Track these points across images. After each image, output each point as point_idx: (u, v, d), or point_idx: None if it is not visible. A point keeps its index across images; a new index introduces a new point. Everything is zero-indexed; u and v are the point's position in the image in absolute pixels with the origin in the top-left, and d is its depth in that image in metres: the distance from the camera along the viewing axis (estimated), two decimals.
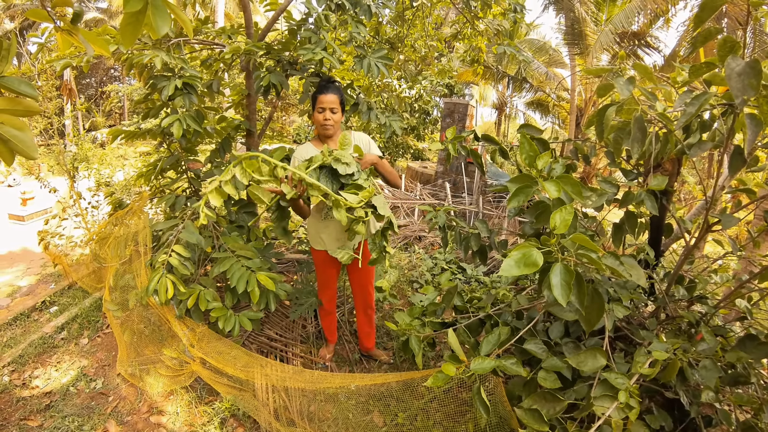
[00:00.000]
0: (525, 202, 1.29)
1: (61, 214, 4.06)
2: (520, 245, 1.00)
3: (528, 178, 1.37)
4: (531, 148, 1.33)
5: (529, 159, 1.31)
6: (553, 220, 1.04)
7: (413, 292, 3.90)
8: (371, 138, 2.49)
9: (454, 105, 6.75)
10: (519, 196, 1.28)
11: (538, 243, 1.03)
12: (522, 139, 1.34)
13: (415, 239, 4.96)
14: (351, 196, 1.82)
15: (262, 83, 2.22)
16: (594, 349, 1.44)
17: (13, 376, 3.07)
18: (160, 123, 1.99)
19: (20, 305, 4.22)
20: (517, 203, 1.28)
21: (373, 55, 2.49)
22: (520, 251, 1.01)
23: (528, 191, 1.30)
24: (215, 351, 2.42)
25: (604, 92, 1.33)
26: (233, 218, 2.67)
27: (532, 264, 0.95)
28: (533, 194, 1.32)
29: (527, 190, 1.30)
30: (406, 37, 4.38)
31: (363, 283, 2.63)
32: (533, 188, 1.31)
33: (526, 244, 1.01)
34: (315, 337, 3.15)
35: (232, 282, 2.01)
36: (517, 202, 1.28)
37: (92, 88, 21.46)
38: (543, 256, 0.97)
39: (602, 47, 12.10)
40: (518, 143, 1.37)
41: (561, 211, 1.05)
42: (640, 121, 1.19)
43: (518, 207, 1.27)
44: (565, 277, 0.97)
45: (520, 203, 1.29)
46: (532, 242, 1.03)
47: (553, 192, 1.15)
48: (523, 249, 1.01)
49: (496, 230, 2.28)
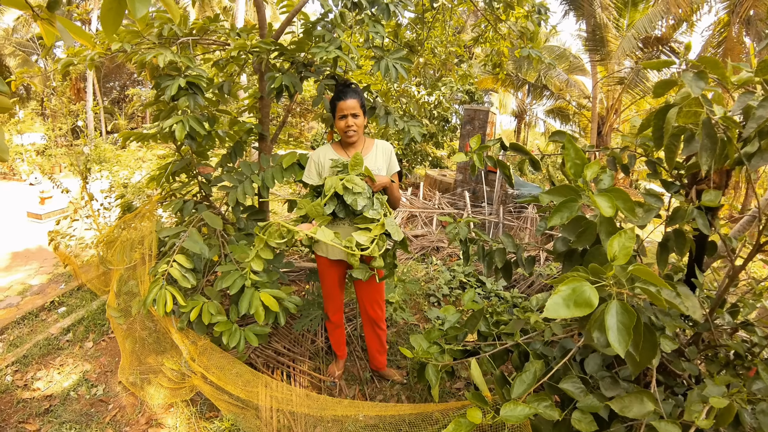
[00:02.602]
0: (570, 218, 1.11)
1: (72, 214, 4.01)
2: (568, 278, 0.82)
3: (572, 190, 1.19)
4: (577, 155, 1.15)
5: (575, 168, 1.13)
6: (611, 247, 0.86)
7: (429, 307, 3.72)
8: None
9: (475, 112, 6.55)
10: (563, 211, 1.10)
11: (587, 273, 0.85)
12: (567, 144, 1.16)
13: (432, 250, 4.77)
14: (362, 236, 1.83)
15: (273, 85, 2.08)
16: (640, 392, 1.24)
17: (16, 376, 3.05)
18: (161, 125, 1.88)
19: (30, 304, 4.21)
20: (560, 219, 1.10)
21: (391, 56, 2.34)
22: (569, 286, 0.83)
23: (573, 206, 1.12)
24: (216, 366, 2.28)
25: (664, 90, 1.14)
26: (242, 225, 2.54)
27: (584, 303, 0.77)
28: (579, 209, 1.14)
29: (572, 205, 1.12)
30: (426, 40, 4.22)
31: (370, 298, 2.45)
32: (579, 202, 1.13)
33: (575, 276, 0.84)
34: (324, 353, 2.99)
35: (234, 300, 1.87)
36: (560, 218, 1.10)
37: (115, 91, 21.93)
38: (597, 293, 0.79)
39: (625, 53, 11.75)
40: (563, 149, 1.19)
41: (620, 236, 0.87)
42: (709, 127, 1.00)
43: (560, 224, 1.10)
44: (624, 319, 0.78)
45: (564, 220, 1.11)
46: (581, 273, 0.85)
47: (606, 209, 0.97)
48: (573, 283, 0.83)
49: (523, 245, 2.09)
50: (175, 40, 1.98)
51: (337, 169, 2.05)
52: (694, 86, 0.98)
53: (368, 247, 1.83)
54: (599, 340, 0.86)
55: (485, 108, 6.50)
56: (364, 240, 1.84)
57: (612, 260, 0.85)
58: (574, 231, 1.34)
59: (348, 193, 1.90)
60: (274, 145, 2.94)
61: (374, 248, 1.84)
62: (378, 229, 1.86)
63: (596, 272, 0.86)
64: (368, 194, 1.95)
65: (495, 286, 4.04)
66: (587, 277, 0.84)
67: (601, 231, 1.22)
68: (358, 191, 1.89)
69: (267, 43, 2.07)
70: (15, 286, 4.75)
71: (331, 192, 1.94)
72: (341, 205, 2.01)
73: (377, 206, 1.95)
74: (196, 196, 3.00)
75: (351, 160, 1.99)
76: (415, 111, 5.98)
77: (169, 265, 1.93)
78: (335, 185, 1.91)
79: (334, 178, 1.97)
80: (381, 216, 1.92)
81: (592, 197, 1.08)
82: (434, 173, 7.78)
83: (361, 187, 1.90)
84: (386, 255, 2.00)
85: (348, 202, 1.89)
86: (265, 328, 2.06)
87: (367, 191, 1.95)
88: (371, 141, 2.27)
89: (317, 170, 2.21)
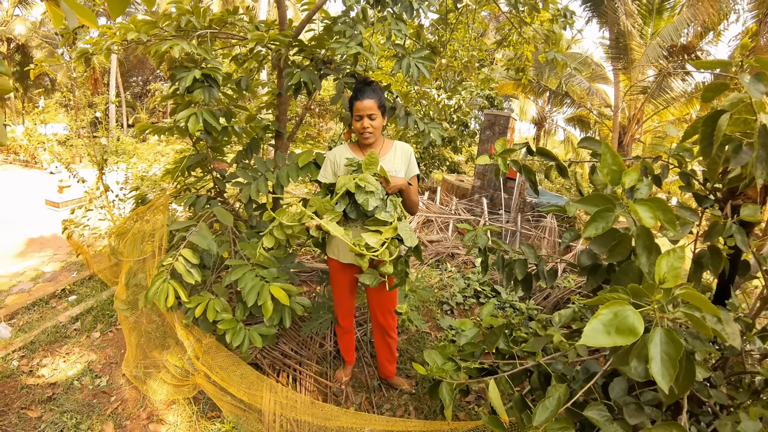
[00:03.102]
0: (606, 229, 1.02)
1: (87, 204, 4.02)
2: (608, 300, 0.73)
3: (606, 199, 1.10)
4: (614, 161, 1.05)
5: (612, 175, 1.04)
6: (659, 268, 0.76)
7: (442, 315, 3.62)
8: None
9: (495, 117, 6.43)
10: (598, 221, 1.01)
11: (628, 295, 0.76)
12: (604, 149, 1.07)
13: (447, 256, 4.67)
14: (372, 238, 1.74)
15: (291, 81, 2.02)
16: (669, 424, 1.14)
17: (22, 362, 3.07)
18: (174, 118, 1.83)
19: (41, 291, 4.25)
20: (595, 230, 1.01)
21: (413, 55, 2.26)
22: (610, 310, 0.73)
23: (608, 216, 1.02)
24: (220, 366, 2.22)
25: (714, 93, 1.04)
26: (254, 223, 2.48)
27: (627, 330, 0.68)
28: (615, 220, 1.04)
29: (607, 215, 1.02)
30: (449, 42, 4.14)
31: (381, 306, 2.36)
32: (614, 212, 1.04)
33: (616, 298, 0.74)
34: (332, 357, 2.92)
35: (243, 293, 1.81)
36: (595, 229, 1.01)
37: (138, 86, 22.32)
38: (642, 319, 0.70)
39: (649, 61, 11.46)
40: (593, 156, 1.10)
41: (669, 255, 0.77)
42: (765, 135, 0.90)
43: (595, 235, 1.01)
44: (670, 349, 0.69)
45: (599, 230, 1.02)
46: (622, 295, 0.76)
47: (648, 219, 0.88)
48: (614, 307, 0.74)
49: (546, 257, 1.99)
50: (193, 32, 1.93)
51: (352, 168, 1.98)
52: (753, 89, 0.88)
53: (378, 250, 1.74)
54: (637, 370, 0.77)
55: (506, 113, 6.38)
56: (373, 242, 1.75)
57: (660, 282, 0.75)
58: (605, 244, 1.24)
59: (360, 192, 1.82)
60: (290, 143, 2.89)
61: (384, 251, 1.75)
62: (389, 232, 1.77)
63: (638, 294, 0.77)
64: (381, 195, 1.86)
65: (510, 297, 3.93)
66: (627, 297, 0.75)
67: (637, 245, 1.12)
68: (370, 190, 1.81)
69: (286, 35, 2.01)
70: (28, 272, 4.82)
71: (343, 190, 1.86)
72: (353, 206, 1.93)
73: (390, 208, 1.86)
74: (211, 192, 2.97)
75: (365, 158, 1.90)
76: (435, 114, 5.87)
77: (175, 259, 1.88)
78: (347, 183, 1.83)
79: (346, 177, 1.89)
80: (394, 219, 1.83)
81: (632, 206, 0.98)
82: (451, 178, 7.67)
83: (374, 186, 1.82)
84: (398, 262, 1.91)
85: (359, 201, 1.81)
86: (271, 329, 1.99)
87: (381, 192, 1.87)
88: (390, 142, 2.19)
89: (333, 169, 2.15)
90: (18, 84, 18.08)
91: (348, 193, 1.90)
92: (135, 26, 1.81)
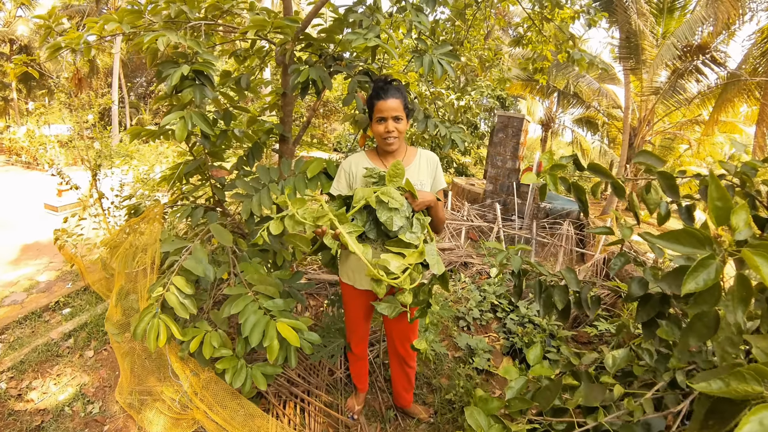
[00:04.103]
0: (710, 284, 0.77)
1: (80, 212, 3.80)
2: (755, 407, 0.48)
3: (700, 239, 0.85)
4: (720, 194, 0.81)
5: (717, 212, 0.79)
6: None
7: (459, 332, 3.36)
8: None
9: (509, 119, 6.15)
10: (699, 272, 0.77)
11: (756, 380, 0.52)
12: (711, 181, 0.82)
13: (460, 266, 4.41)
14: (395, 261, 1.49)
15: (299, 79, 1.77)
16: None
17: (10, 383, 2.89)
18: (162, 123, 1.58)
19: (34, 303, 4.05)
20: (696, 286, 0.77)
21: (436, 51, 2.01)
22: (757, 418, 0.49)
23: (711, 266, 0.78)
24: (221, 404, 1.98)
25: None
26: None
27: None
28: (721, 271, 0.79)
29: (710, 264, 0.77)
30: (466, 39, 3.87)
31: (401, 335, 2.09)
32: (716, 260, 0.79)
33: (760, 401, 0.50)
34: (344, 384, 2.67)
35: (245, 330, 1.56)
36: (696, 284, 0.77)
37: (143, 87, 22.17)
38: None
39: (663, 61, 11.13)
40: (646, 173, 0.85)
41: None
42: None
43: (697, 291, 0.76)
44: None
45: (700, 286, 0.77)
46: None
47: None
48: (762, 413, 0.50)
49: (589, 284, 1.73)
50: (186, 23, 1.68)
51: (372, 180, 1.71)
52: None
53: (398, 276, 1.48)
54: None
55: (520, 115, 6.10)
56: (395, 267, 1.49)
57: None
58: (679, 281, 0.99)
59: (382, 209, 1.54)
60: (296, 147, 2.64)
61: (405, 279, 1.49)
62: (414, 257, 1.50)
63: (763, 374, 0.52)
64: (407, 213, 1.59)
65: (529, 311, 3.66)
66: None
67: (732, 295, 0.86)
68: (394, 207, 1.54)
69: (294, 20, 1.74)
70: (22, 282, 4.62)
71: (361, 204, 1.58)
72: (372, 223, 1.66)
73: (417, 229, 1.59)
74: (210, 201, 2.73)
75: (390, 168, 1.62)
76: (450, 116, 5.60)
77: (165, 289, 1.63)
78: (367, 196, 1.56)
79: (366, 189, 1.62)
80: (420, 241, 1.57)
81: (748, 258, 0.73)
82: (462, 182, 7.38)
83: (399, 202, 1.55)
84: (419, 290, 1.64)
85: (381, 219, 1.54)
86: (276, 368, 1.74)
87: (406, 209, 1.60)
88: (413, 150, 1.91)
89: (348, 181, 1.87)
90: (21, 85, 17.95)
91: (367, 208, 1.63)
92: (117, 17, 1.56)
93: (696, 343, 0.99)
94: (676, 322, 1.35)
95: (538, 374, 1.24)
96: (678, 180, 1.37)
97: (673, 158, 15.40)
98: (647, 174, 1.49)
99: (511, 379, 1.22)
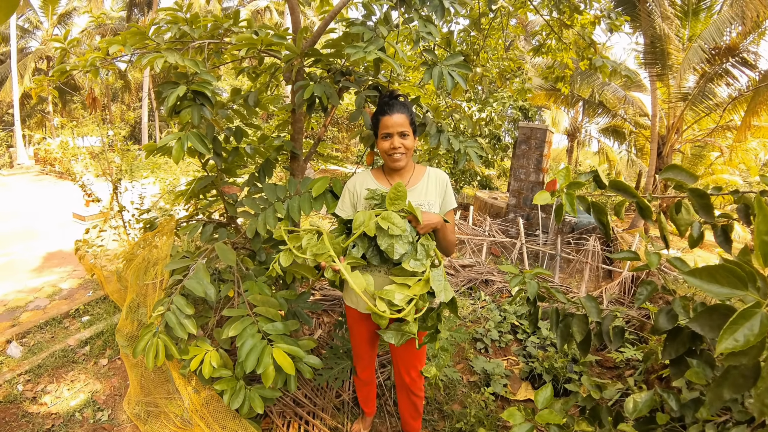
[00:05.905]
0: (753, 342, 0.65)
1: (101, 225, 3.87)
2: None
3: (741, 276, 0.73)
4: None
5: (764, 248, 0.68)
6: None
7: (476, 355, 3.22)
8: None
9: (531, 130, 5.98)
10: (739, 324, 0.65)
11: None
12: (758, 210, 0.71)
13: (481, 283, 4.26)
14: (398, 293, 1.43)
15: (304, 96, 1.72)
16: None
17: (27, 386, 2.99)
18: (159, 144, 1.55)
19: (56, 309, 4.16)
20: (735, 343, 0.65)
21: (446, 62, 1.92)
22: None
23: (755, 317, 0.66)
24: (221, 425, 1.92)
25: None
26: (263, 258, 2.19)
27: None
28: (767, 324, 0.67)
29: (753, 314, 0.66)
30: (482, 49, 3.78)
31: (407, 363, 1.97)
32: (763, 308, 0.67)
33: None
34: (350, 407, 2.57)
35: (241, 355, 1.50)
36: (735, 341, 0.65)
37: None
38: None
39: (691, 65, 10.68)
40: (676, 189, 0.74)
41: None
42: None
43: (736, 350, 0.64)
44: None
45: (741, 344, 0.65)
46: None
47: None
48: None
49: (611, 314, 1.60)
50: (190, 43, 1.66)
51: (375, 202, 1.63)
52: None
53: (402, 308, 1.39)
54: None
55: (543, 126, 5.93)
56: (399, 299, 1.40)
57: None
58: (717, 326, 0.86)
59: (382, 236, 1.46)
60: (308, 163, 2.60)
61: (410, 310, 1.40)
62: (419, 288, 1.41)
63: None
64: (410, 238, 1.50)
65: (552, 334, 3.48)
66: None
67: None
68: (395, 233, 1.45)
69: (282, 36, 1.69)
70: (46, 288, 4.76)
71: (359, 231, 1.50)
72: (375, 249, 1.57)
73: (421, 255, 1.49)
74: (223, 216, 2.72)
75: (390, 191, 1.53)
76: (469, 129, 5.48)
77: (166, 308, 1.59)
78: (366, 224, 1.49)
79: (366, 213, 1.54)
80: (425, 268, 1.47)
81: None
82: (484, 195, 7.21)
83: (400, 228, 1.46)
84: (427, 317, 1.55)
85: (382, 247, 1.45)
86: (275, 392, 1.67)
87: (409, 234, 1.50)
88: (422, 168, 1.81)
89: (352, 201, 1.80)
90: (58, 100, 18.82)
91: (369, 241, 1.56)
92: (121, 38, 1.55)
93: (731, 396, 0.86)
94: (709, 362, 1.21)
95: (546, 421, 1.12)
96: (712, 198, 1.24)
97: (704, 167, 14.71)
98: (677, 191, 1.36)
99: (514, 424, 1.11)
